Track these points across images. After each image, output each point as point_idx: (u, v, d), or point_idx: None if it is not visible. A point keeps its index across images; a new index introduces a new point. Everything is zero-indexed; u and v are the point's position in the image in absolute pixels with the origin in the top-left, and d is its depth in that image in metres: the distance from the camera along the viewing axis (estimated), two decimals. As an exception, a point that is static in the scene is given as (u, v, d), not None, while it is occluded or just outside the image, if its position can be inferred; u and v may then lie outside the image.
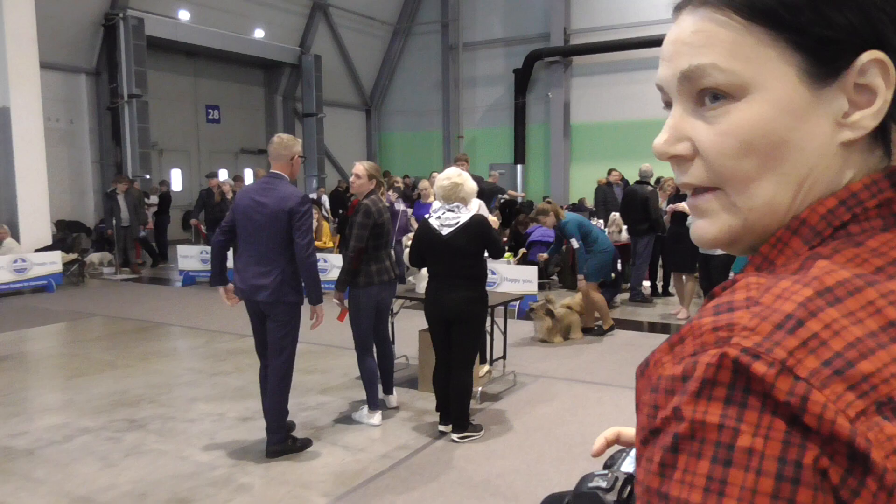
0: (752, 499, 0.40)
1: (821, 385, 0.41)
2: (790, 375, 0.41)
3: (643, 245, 8.69)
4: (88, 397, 5.24)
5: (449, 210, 4.19)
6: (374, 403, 4.61)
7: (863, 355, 0.42)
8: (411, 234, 6.01)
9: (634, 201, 8.73)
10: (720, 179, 0.53)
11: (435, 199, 5.73)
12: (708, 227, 0.55)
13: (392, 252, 4.68)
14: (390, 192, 9.14)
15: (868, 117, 0.49)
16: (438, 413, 4.50)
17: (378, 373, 4.64)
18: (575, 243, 6.97)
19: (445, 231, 4.15)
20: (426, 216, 4.35)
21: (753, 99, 0.50)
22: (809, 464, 0.40)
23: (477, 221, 4.19)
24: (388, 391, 4.94)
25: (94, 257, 11.63)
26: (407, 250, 5.24)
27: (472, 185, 4.31)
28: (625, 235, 9.13)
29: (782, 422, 0.41)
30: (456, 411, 4.30)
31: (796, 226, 0.51)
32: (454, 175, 4.27)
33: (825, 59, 0.49)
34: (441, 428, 4.43)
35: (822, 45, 0.49)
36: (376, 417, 4.61)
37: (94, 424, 4.65)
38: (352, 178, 4.53)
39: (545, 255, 8.18)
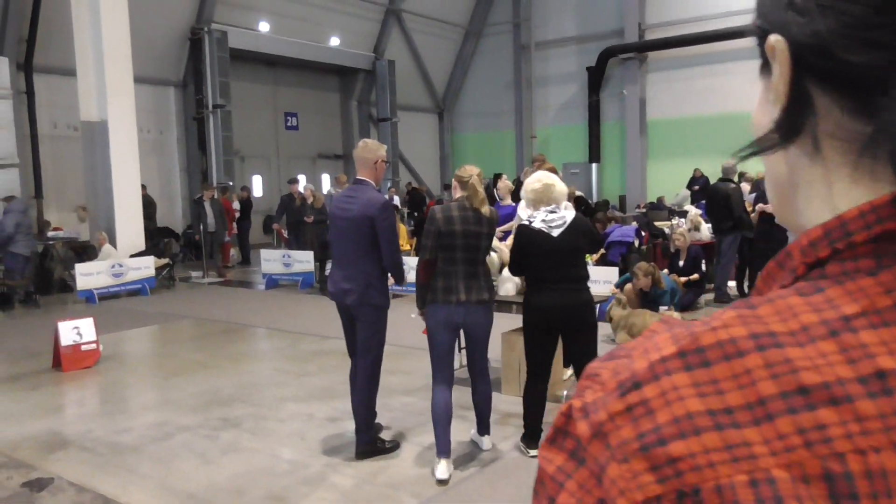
0: None
1: (622, 458, 0.38)
2: (603, 441, 0.39)
3: (727, 244, 8.39)
4: (184, 396, 5.47)
5: (551, 211, 4.06)
6: (440, 448, 3.84)
7: (682, 434, 0.36)
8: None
9: (717, 199, 8.47)
10: None
11: (523, 202, 5.69)
12: None
13: (480, 270, 3.91)
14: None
15: (772, 104, 0.44)
16: (526, 435, 4.14)
17: (446, 412, 3.84)
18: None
19: (556, 232, 3.94)
20: (527, 221, 4.09)
21: None
22: None
23: (581, 218, 4.13)
24: (481, 431, 4.25)
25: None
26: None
27: (562, 187, 4.27)
28: (706, 234, 8.82)
29: (600, 490, 0.39)
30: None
31: (783, 259, 0.44)
32: (544, 177, 4.20)
33: (760, 48, 0.46)
34: (531, 453, 4.09)
35: (755, 34, 0.46)
36: (440, 469, 3.80)
37: (191, 422, 4.85)
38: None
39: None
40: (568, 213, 4.07)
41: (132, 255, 10.81)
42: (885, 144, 0.38)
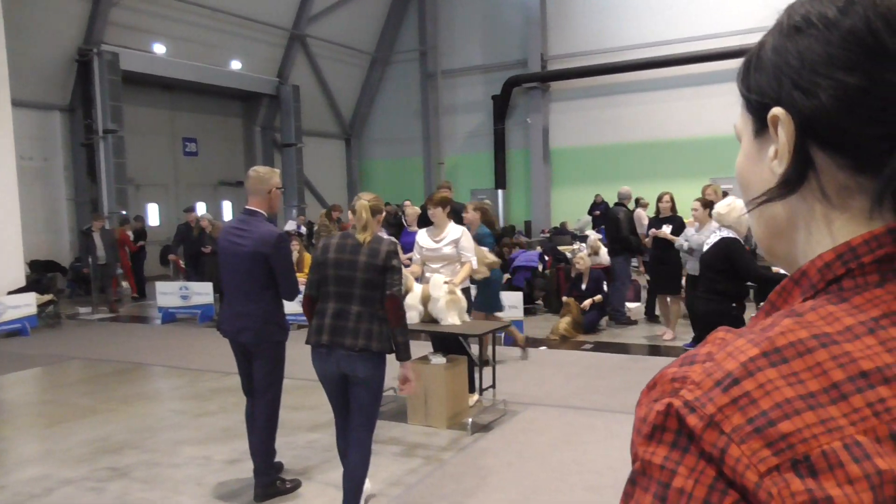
0: None
1: (740, 440, 0.46)
2: (717, 429, 0.47)
3: (619, 265, 8.80)
4: (69, 446, 5.06)
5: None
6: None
7: (786, 415, 0.46)
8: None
9: (609, 222, 8.95)
10: None
11: (423, 231, 5.69)
12: None
13: (354, 309, 3.39)
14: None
15: (776, 164, 0.56)
16: None
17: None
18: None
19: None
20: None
21: (741, 148, 0.62)
22: None
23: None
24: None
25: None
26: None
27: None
28: (605, 257, 9.17)
29: (713, 469, 0.46)
30: None
31: (798, 277, 0.56)
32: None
33: (755, 116, 0.58)
34: None
35: (750, 104, 0.59)
36: None
37: (75, 475, 4.48)
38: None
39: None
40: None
41: (11, 292, 10.00)
42: (889, 198, 0.51)
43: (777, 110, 0.54)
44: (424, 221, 6.78)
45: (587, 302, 8.41)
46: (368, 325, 3.37)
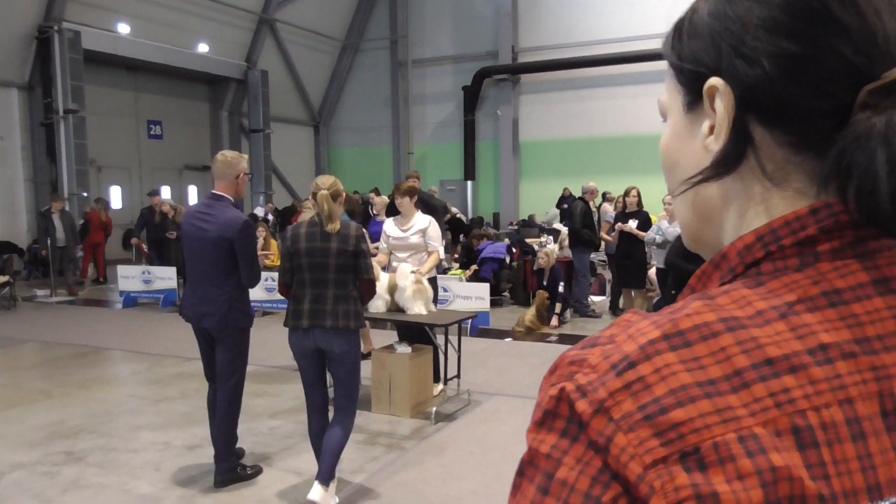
0: None
1: (627, 429, 0.43)
2: (605, 416, 0.43)
3: (576, 258, 8.90)
4: (21, 430, 4.94)
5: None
6: (319, 472, 3.63)
7: (680, 403, 0.43)
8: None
9: (569, 216, 9.08)
10: None
11: (390, 221, 5.67)
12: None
13: (331, 293, 3.56)
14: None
15: (712, 140, 0.51)
16: None
17: (322, 438, 3.66)
18: None
19: None
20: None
21: (667, 125, 0.58)
22: (607, 501, 0.43)
23: None
24: (319, 476, 3.60)
25: None
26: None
27: None
28: (567, 251, 9.30)
29: (599, 460, 0.43)
30: None
31: (718, 260, 0.52)
32: None
33: (688, 87, 0.53)
34: None
35: (681, 73, 0.54)
36: (313, 491, 3.56)
37: (27, 459, 4.38)
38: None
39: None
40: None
41: (-36, 273, 9.70)
42: (834, 180, 0.47)
43: (715, 80, 0.50)
44: (392, 211, 6.75)
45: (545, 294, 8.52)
46: (345, 306, 3.57)
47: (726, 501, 0.40)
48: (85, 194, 14.08)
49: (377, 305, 5.18)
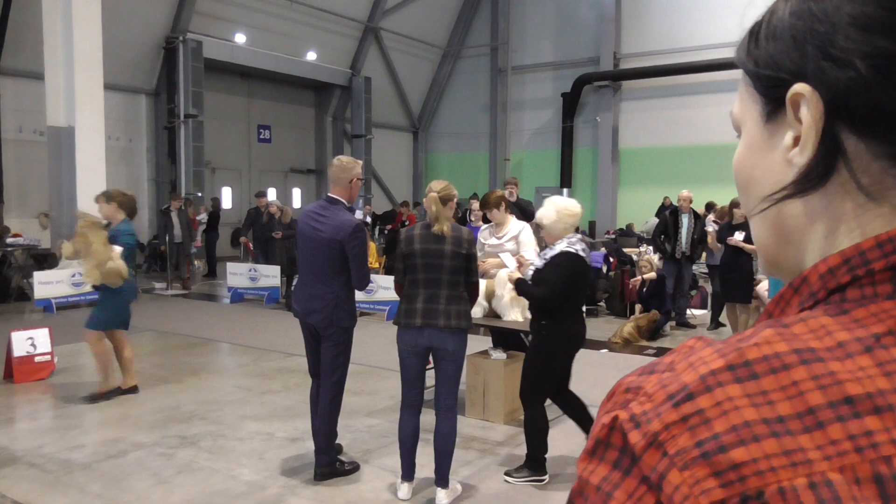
0: None
1: (683, 466, 0.39)
2: (660, 450, 0.40)
3: (667, 271, 8.77)
4: (142, 412, 5.33)
5: (581, 239, 4.04)
6: (403, 472, 3.85)
7: (742, 441, 0.38)
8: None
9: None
10: None
11: (486, 227, 5.70)
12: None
13: (445, 293, 3.67)
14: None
15: (797, 152, 0.46)
16: (536, 462, 4.07)
17: (411, 437, 3.79)
18: None
19: (587, 260, 4.03)
20: (571, 249, 3.87)
21: (741, 138, 0.53)
22: None
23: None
24: (438, 482, 3.79)
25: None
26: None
27: None
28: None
29: (652, 497, 0.40)
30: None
31: (798, 284, 0.47)
32: (578, 205, 4.13)
33: (767, 96, 0.48)
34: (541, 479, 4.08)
35: (758, 81, 0.49)
36: (402, 490, 3.82)
37: (147, 440, 4.72)
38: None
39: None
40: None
41: (94, 265, 10.54)
42: None
43: (800, 86, 0.45)
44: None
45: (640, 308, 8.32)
46: (457, 307, 3.69)
47: None
48: (200, 194, 15.01)
49: (475, 312, 5.21)
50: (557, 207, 3.95)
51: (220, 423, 5.08)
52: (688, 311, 9.14)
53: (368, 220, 16.18)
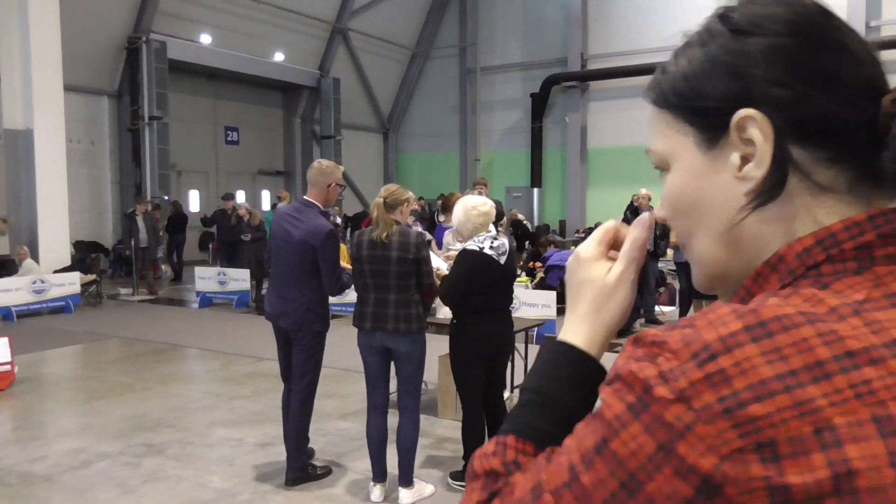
0: (600, 488, 0.48)
1: (707, 419, 0.45)
2: (685, 404, 0.45)
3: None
4: (107, 421, 5.19)
5: (495, 238, 3.80)
6: (374, 473, 3.85)
7: (759, 398, 0.44)
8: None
9: None
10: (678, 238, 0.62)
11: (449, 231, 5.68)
12: (693, 276, 0.63)
13: (393, 297, 3.63)
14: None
15: (753, 168, 0.54)
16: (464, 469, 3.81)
17: (378, 437, 3.78)
18: None
19: (503, 259, 3.73)
20: (474, 247, 3.72)
21: (673, 169, 0.60)
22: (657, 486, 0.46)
23: (512, 243, 4.11)
24: (400, 481, 3.81)
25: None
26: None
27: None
28: None
29: (653, 444, 0.46)
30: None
31: (775, 261, 0.54)
32: (485, 201, 3.92)
33: (706, 126, 0.56)
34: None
35: (697, 115, 0.57)
36: (374, 493, 3.82)
37: (112, 449, 4.60)
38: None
39: None
40: (506, 240, 3.95)
41: (56, 271, 10.30)
42: (889, 190, 0.54)
43: (749, 111, 0.53)
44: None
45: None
46: (406, 310, 3.63)
47: (797, 493, 0.43)
48: (166, 197, 14.73)
49: (444, 312, 5.19)
50: (465, 207, 3.78)
51: (189, 431, 4.98)
52: (656, 308, 9.24)
53: (339, 220, 16.06)
